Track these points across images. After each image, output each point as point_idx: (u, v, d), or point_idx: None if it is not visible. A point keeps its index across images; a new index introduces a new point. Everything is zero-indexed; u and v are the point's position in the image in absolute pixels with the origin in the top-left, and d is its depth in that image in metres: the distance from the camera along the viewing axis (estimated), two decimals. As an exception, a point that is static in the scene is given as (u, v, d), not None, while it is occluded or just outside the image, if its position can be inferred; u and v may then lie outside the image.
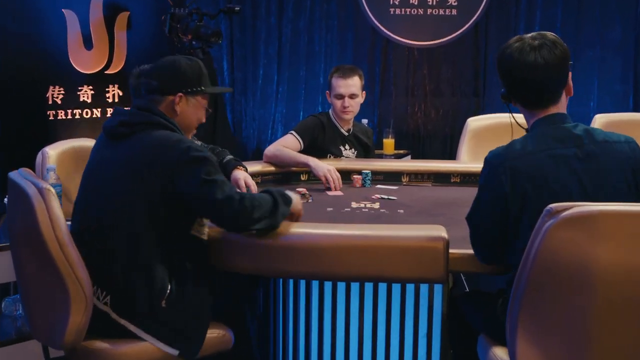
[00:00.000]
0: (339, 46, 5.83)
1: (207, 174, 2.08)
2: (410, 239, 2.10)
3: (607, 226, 1.72)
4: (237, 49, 5.87)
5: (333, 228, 2.22)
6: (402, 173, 3.49)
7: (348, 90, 3.58)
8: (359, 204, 2.94)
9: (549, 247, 1.74)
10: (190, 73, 2.24)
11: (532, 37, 2.00)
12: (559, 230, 1.72)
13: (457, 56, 5.74)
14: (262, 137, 5.96)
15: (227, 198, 2.08)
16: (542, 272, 1.76)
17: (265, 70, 5.88)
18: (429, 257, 2.07)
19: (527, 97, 2.01)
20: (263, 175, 3.43)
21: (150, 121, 2.15)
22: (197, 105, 2.27)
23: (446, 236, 2.08)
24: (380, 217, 2.71)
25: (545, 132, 1.98)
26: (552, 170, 1.93)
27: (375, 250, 2.10)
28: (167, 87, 2.21)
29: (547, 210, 1.76)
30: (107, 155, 2.18)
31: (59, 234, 2.00)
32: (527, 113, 2.05)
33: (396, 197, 3.11)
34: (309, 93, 5.89)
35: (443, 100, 5.80)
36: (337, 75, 3.61)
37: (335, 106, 3.62)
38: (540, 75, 1.95)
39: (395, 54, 5.78)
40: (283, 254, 2.16)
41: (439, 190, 3.32)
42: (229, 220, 2.13)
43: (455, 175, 3.46)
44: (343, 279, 2.32)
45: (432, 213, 2.79)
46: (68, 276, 2.01)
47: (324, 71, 5.82)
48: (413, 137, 5.81)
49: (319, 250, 2.12)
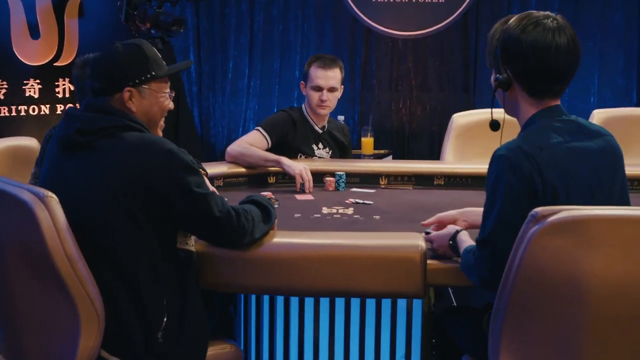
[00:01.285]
0: (316, 36, 5.83)
1: (197, 185, 2.02)
2: (382, 248, 2.08)
3: (599, 233, 1.70)
4: (205, 40, 5.85)
5: (296, 237, 2.20)
6: (380, 175, 3.45)
7: (327, 83, 3.52)
8: (331, 210, 2.91)
9: (534, 255, 1.71)
10: (132, 61, 2.12)
11: (545, 16, 1.94)
12: (545, 237, 1.70)
13: (445, 47, 5.74)
14: (233, 136, 5.92)
15: (226, 215, 2.04)
16: (526, 284, 1.73)
17: (235, 62, 5.86)
18: (404, 269, 2.04)
19: (541, 84, 1.93)
20: (227, 177, 3.36)
21: (116, 124, 2.04)
22: (153, 94, 2.14)
23: (424, 245, 2.06)
24: (354, 224, 2.69)
25: (552, 125, 1.93)
26: (575, 165, 1.88)
27: (343, 261, 2.08)
28: (111, 86, 2.09)
29: (531, 215, 1.73)
30: (67, 168, 2.05)
31: (67, 248, 1.89)
32: (527, 104, 1.97)
33: (372, 201, 3.08)
34: (283, 87, 5.88)
35: (430, 95, 5.80)
36: (317, 64, 3.54)
37: (310, 99, 3.56)
38: (566, 59, 1.91)
39: (378, 45, 5.78)
40: (241, 267, 2.13)
41: (421, 194, 3.29)
42: (226, 237, 2.10)
43: (439, 177, 3.43)
44: (310, 294, 2.29)
45: (411, 219, 2.75)
46: (78, 295, 1.91)
47: (299, 63, 5.82)
48: (397, 136, 5.80)
49: (282, 262, 2.11)
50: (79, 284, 1.91)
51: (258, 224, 2.13)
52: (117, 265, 1.99)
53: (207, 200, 2.02)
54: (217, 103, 5.91)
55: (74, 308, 1.92)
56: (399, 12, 5.58)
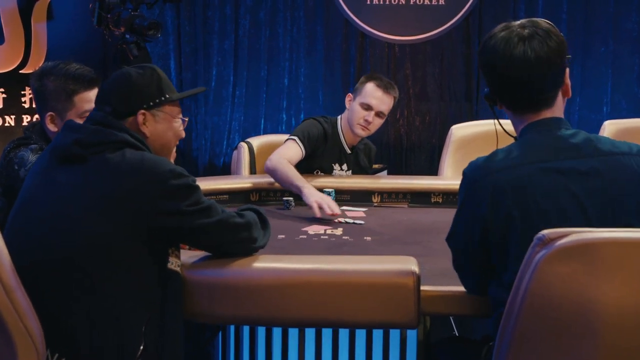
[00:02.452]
0: (306, 41, 5.85)
1: (197, 203, 2.06)
2: (371, 274, 2.05)
3: (612, 258, 1.67)
4: (186, 45, 5.87)
5: (278, 261, 2.18)
6: (372, 192, 3.44)
7: (380, 106, 3.58)
8: (318, 230, 2.91)
9: (541, 283, 1.69)
10: (145, 83, 2.18)
11: (521, 25, 1.96)
12: (553, 262, 1.68)
13: (445, 53, 5.75)
14: (217, 150, 5.96)
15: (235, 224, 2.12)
16: (533, 315, 1.71)
17: (219, 69, 5.87)
18: (396, 296, 2.01)
19: (515, 98, 1.97)
20: (207, 194, 3.26)
21: (116, 140, 2.08)
22: (167, 118, 2.22)
23: (417, 270, 2.02)
24: (342, 246, 2.69)
25: (535, 141, 1.94)
26: (544, 187, 1.88)
27: (329, 288, 2.06)
28: (123, 109, 2.16)
29: (538, 238, 1.71)
30: (59, 180, 2.07)
31: (3, 275, 1.87)
32: (515, 118, 2.01)
33: (364, 221, 3.08)
34: (271, 97, 5.89)
35: (429, 105, 5.81)
36: (377, 83, 3.60)
37: (355, 114, 3.60)
38: (530, 72, 1.91)
39: (373, 51, 5.80)
40: (218, 295, 2.11)
41: (417, 213, 3.30)
42: (237, 247, 2.16)
43: (437, 194, 3.42)
44: (294, 324, 2.27)
45: (405, 241, 2.76)
46: (15, 329, 1.87)
47: (288, 71, 5.84)
48: (393, 149, 5.80)
49: (262, 290, 2.08)
50: (17, 316, 1.88)
51: (260, 229, 2.23)
52: (97, 288, 1.99)
53: (209, 213, 2.07)
54: (200, 114, 5.91)
55: (11, 343, 1.88)
56: (396, 15, 5.61)
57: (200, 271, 2.13)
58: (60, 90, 2.63)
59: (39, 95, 2.67)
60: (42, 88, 2.65)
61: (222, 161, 5.92)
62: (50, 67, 2.67)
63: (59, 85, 2.63)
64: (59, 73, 2.64)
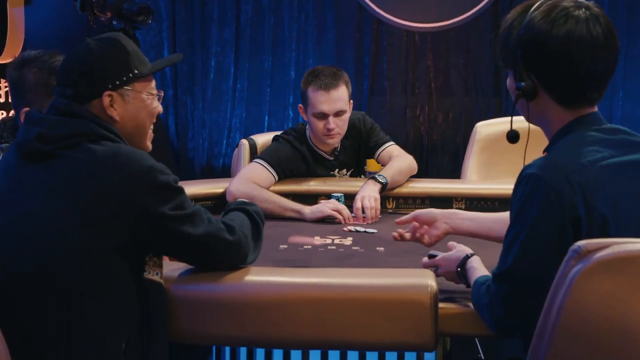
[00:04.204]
0: (315, 30, 5.84)
1: (181, 207, 2.03)
2: (383, 289, 2.07)
3: None
4: (182, 33, 5.87)
5: (279, 274, 2.18)
6: (387, 197, 3.43)
7: (333, 107, 3.43)
8: (325, 240, 2.92)
9: (577, 301, 1.67)
10: (110, 58, 2.13)
11: (575, 5, 1.92)
12: (591, 278, 1.66)
13: (471, 42, 5.74)
14: (215, 150, 5.99)
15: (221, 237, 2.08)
16: (567, 338, 1.70)
17: (218, 60, 5.87)
18: (410, 314, 2.02)
19: (576, 90, 1.93)
20: (199, 199, 3.35)
21: (84, 132, 2.05)
22: (138, 97, 2.17)
23: (434, 285, 2.04)
24: (351, 257, 2.69)
25: (591, 136, 1.91)
26: (628, 185, 1.87)
27: (336, 305, 2.07)
28: (87, 91, 2.11)
29: (573, 250, 1.69)
30: (26, 181, 2.05)
31: None
32: (557, 115, 1.97)
33: (376, 229, 3.09)
34: (276, 91, 5.89)
35: (453, 100, 5.80)
36: (315, 86, 3.44)
37: (314, 128, 3.49)
38: (604, 56, 1.90)
39: (390, 40, 5.78)
40: (211, 312, 2.11)
41: None
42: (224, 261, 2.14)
43: (459, 199, 3.42)
44: (296, 345, 2.31)
45: (422, 252, 2.67)
46: None
47: (295, 63, 5.83)
48: (412, 150, 5.71)
49: (261, 306, 2.09)
50: None
51: (251, 241, 2.19)
52: (73, 303, 1.98)
53: (194, 221, 2.04)
54: (197, 110, 5.91)
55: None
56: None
57: (188, 285, 2.12)
58: (41, 84, 2.60)
59: (16, 87, 2.65)
60: (20, 79, 2.62)
61: (222, 162, 5.92)
62: (32, 57, 2.64)
63: (41, 79, 2.60)
64: (42, 65, 2.62)
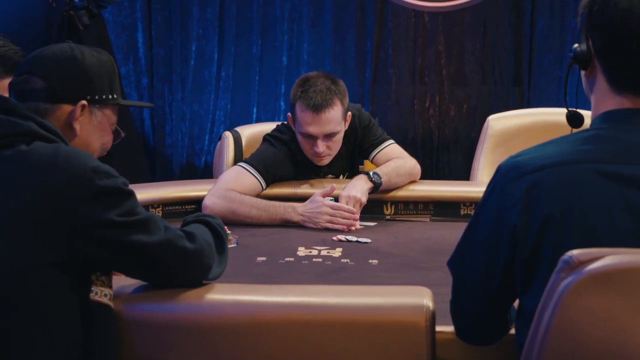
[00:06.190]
0: (311, 9, 5.89)
1: (131, 213, 2.02)
2: (372, 309, 2.02)
3: None
4: (157, 13, 5.92)
5: (253, 292, 2.14)
6: (384, 202, 3.44)
7: (322, 130, 3.38)
8: (310, 251, 2.90)
9: (567, 319, 1.67)
10: (99, 71, 2.19)
11: None
12: (582, 293, 1.65)
13: (488, 24, 5.77)
14: (197, 146, 6.02)
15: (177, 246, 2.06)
16: (557, 358, 1.69)
17: (200, 44, 5.92)
18: (403, 339, 1.99)
19: (629, 68, 1.88)
20: (168, 204, 3.37)
21: (19, 131, 2.04)
22: (103, 122, 2.23)
23: (430, 305, 2.00)
24: (339, 271, 2.67)
25: (602, 135, 1.90)
26: (592, 195, 1.84)
27: (315, 328, 2.03)
28: (64, 92, 2.14)
29: (564, 260, 1.68)
30: None
31: None
32: (602, 97, 1.95)
33: (371, 239, 3.06)
34: (266, 79, 5.95)
35: (468, 90, 5.84)
36: (303, 105, 3.35)
37: (302, 145, 3.46)
38: None
39: (396, 22, 5.82)
40: (172, 337, 2.07)
41: (440, 229, 3.27)
42: (180, 275, 2.11)
43: (467, 204, 3.42)
44: None
45: (422, 266, 2.74)
46: None
47: (287, 47, 5.87)
48: (422, 147, 5.83)
49: (232, 331, 2.05)
50: None
51: (216, 253, 2.19)
52: (7, 327, 1.98)
53: (148, 228, 2.03)
54: (175, 101, 5.96)
55: None
56: (425, -26, 5.62)
57: (142, 304, 2.09)
58: None
59: None
60: None
61: (204, 161, 5.96)
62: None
63: None
64: None
